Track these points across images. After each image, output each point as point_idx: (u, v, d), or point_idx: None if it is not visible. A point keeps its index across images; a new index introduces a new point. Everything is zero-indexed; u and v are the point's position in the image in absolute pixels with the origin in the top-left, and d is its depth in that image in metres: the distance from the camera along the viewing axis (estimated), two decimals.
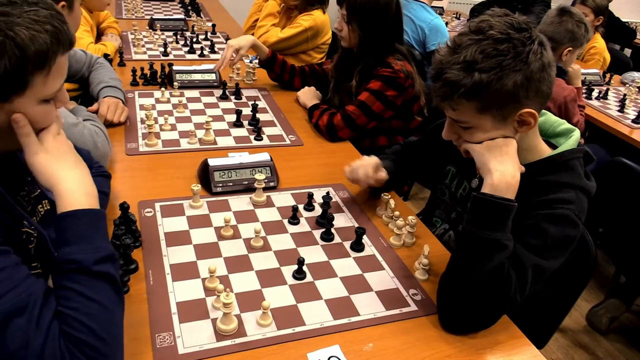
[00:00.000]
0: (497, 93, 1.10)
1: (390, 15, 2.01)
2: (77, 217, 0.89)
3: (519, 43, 1.11)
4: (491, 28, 1.12)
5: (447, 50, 1.16)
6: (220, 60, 2.27)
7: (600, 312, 2.60)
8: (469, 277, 1.12)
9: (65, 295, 0.84)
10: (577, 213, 1.18)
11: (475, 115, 1.15)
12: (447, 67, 1.13)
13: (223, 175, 1.56)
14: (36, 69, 0.85)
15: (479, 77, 1.09)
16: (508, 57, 1.09)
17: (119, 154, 1.71)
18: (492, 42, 1.10)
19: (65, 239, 0.88)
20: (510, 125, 1.17)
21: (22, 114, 0.88)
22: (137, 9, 3.52)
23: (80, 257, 0.86)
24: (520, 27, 1.13)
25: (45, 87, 0.88)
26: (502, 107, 1.13)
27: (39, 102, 0.89)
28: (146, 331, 1.05)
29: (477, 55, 1.10)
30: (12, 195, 0.94)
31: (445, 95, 1.14)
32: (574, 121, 2.54)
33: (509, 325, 1.19)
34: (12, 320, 0.76)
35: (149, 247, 1.29)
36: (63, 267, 0.86)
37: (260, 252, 1.32)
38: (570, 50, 2.54)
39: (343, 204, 1.57)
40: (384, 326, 1.15)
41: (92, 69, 2.04)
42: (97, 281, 0.86)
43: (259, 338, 1.07)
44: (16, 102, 0.86)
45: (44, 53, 0.85)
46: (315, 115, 2.06)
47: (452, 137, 1.25)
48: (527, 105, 1.14)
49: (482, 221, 1.11)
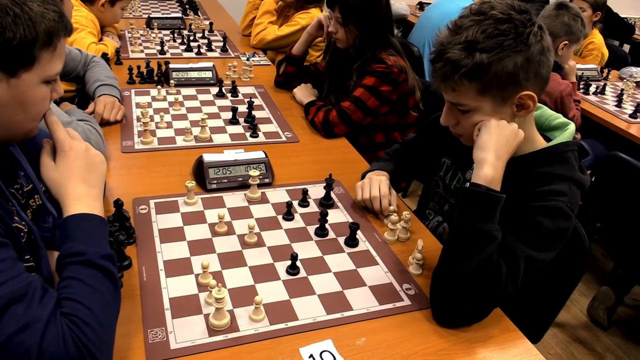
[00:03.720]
0: (498, 74, 1.11)
1: (382, 8, 2.02)
2: (85, 219, 0.94)
3: (520, 24, 1.12)
4: (492, 9, 1.13)
5: (448, 31, 1.17)
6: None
7: (596, 305, 2.61)
8: (460, 268, 1.12)
9: (69, 284, 0.86)
10: (570, 205, 1.18)
11: (475, 97, 1.16)
12: (448, 48, 1.14)
13: (218, 172, 1.56)
14: (44, 45, 0.90)
15: (479, 57, 1.11)
16: (509, 37, 1.11)
17: (114, 151, 1.71)
18: (493, 22, 1.12)
19: (70, 237, 0.91)
20: (509, 109, 1.18)
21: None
22: (135, 8, 3.52)
23: (86, 249, 0.90)
24: (521, 9, 1.14)
25: (50, 65, 0.92)
26: (502, 89, 1.14)
27: (41, 82, 0.93)
28: (139, 327, 1.05)
29: (478, 35, 1.11)
30: (5, 188, 0.96)
31: (446, 75, 1.15)
32: (570, 115, 2.54)
33: (502, 319, 1.20)
34: (11, 307, 0.78)
35: (142, 243, 1.29)
36: (67, 260, 0.89)
37: (254, 248, 1.32)
38: (567, 44, 2.55)
39: (338, 200, 1.58)
40: (377, 320, 1.15)
41: (87, 67, 2.04)
42: (99, 274, 0.89)
43: (251, 333, 1.07)
44: (23, 77, 0.89)
45: (52, 30, 0.90)
46: (311, 111, 2.06)
47: (451, 122, 1.26)
48: (526, 88, 1.15)
49: (473, 213, 1.12)
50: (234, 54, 2.86)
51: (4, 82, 0.88)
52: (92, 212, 0.95)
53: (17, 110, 0.91)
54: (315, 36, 2.31)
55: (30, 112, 0.94)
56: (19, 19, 0.85)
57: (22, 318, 0.78)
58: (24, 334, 0.77)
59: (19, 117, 0.93)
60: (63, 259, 0.90)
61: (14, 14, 0.84)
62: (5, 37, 0.84)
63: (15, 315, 0.78)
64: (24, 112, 0.93)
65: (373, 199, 1.49)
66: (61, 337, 0.79)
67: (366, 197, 1.50)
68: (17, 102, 0.91)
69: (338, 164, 1.81)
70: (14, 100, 0.90)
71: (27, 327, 0.78)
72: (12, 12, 0.84)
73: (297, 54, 2.34)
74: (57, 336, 0.79)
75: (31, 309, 0.80)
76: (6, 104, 0.89)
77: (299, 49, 2.33)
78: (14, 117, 0.92)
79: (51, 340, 0.78)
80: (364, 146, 2.07)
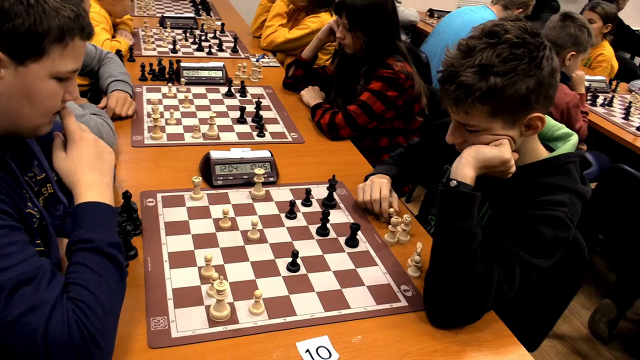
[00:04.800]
0: (511, 97, 1.12)
1: (389, 14, 2.04)
2: (94, 207, 0.97)
3: (533, 48, 1.12)
4: (507, 32, 1.13)
5: (458, 53, 1.16)
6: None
7: (597, 318, 2.60)
8: (446, 268, 1.15)
9: (76, 269, 0.90)
10: (570, 216, 1.20)
11: (485, 119, 1.17)
12: (460, 70, 1.13)
13: (224, 169, 1.59)
14: (56, 40, 0.92)
15: (494, 81, 1.10)
16: (524, 61, 1.11)
17: (124, 145, 1.75)
18: (508, 47, 1.11)
19: (81, 224, 0.95)
20: (517, 129, 1.19)
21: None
22: (149, 7, 3.57)
23: (94, 237, 0.93)
24: (533, 32, 1.14)
25: (61, 61, 0.94)
26: (513, 112, 1.15)
27: (50, 77, 0.95)
28: (142, 315, 1.08)
29: (493, 59, 1.11)
30: (21, 176, 0.99)
31: (459, 98, 1.14)
32: (577, 127, 2.55)
33: (498, 324, 1.22)
34: (21, 288, 0.81)
35: (149, 235, 1.33)
36: (76, 246, 0.92)
37: (256, 244, 1.35)
38: (574, 54, 2.56)
39: (340, 201, 1.60)
40: (373, 320, 1.17)
41: (102, 63, 2.08)
42: (106, 261, 0.92)
43: (250, 326, 1.10)
44: (30, 67, 0.91)
45: (65, 26, 0.92)
46: (317, 113, 2.09)
47: (457, 140, 1.26)
48: (536, 110, 1.16)
49: (451, 212, 1.16)
50: (244, 54, 2.89)
51: (12, 69, 0.90)
52: (102, 201, 0.98)
53: (22, 101, 0.93)
54: (325, 42, 2.35)
55: (37, 106, 0.96)
56: (31, 9, 0.88)
57: (30, 300, 0.81)
58: (32, 315, 0.81)
59: (25, 109, 0.94)
60: (72, 245, 0.93)
61: (27, 3, 0.87)
62: (15, 23, 0.87)
63: (25, 296, 0.81)
64: (30, 105, 0.94)
65: (373, 201, 1.52)
66: (66, 320, 0.82)
67: (367, 199, 1.53)
68: (24, 92, 0.93)
69: (342, 165, 1.83)
70: (20, 89, 0.92)
71: (35, 308, 0.81)
72: (26, 2, 0.87)
73: (306, 58, 2.37)
74: (62, 319, 0.82)
75: (39, 291, 0.83)
76: (13, 92, 0.92)
77: (309, 53, 2.36)
78: (20, 108, 0.94)
79: (56, 322, 0.81)
80: (368, 150, 2.09)
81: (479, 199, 1.16)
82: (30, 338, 0.80)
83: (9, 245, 0.84)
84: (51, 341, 0.81)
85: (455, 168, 1.18)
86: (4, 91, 0.91)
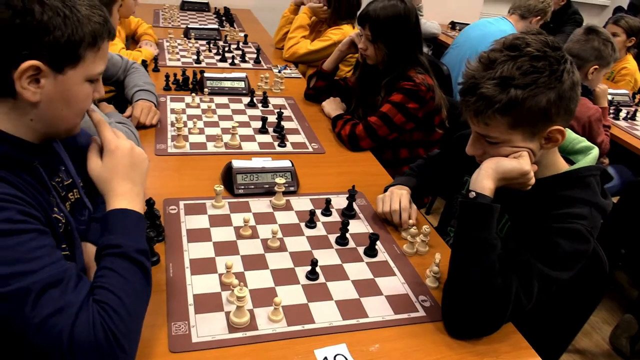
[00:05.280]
0: (531, 110, 1.13)
1: (411, 26, 2.06)
2: (124, 214, 1.00)
3: (554, 61, 1.13)
4: (528, 45, 1.14)
5: (479, 65, 1.17)
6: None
7: (618, 333, 2.57)
8: (464, 278, 1.15)
9: (104, 273, 0.93)
10: (589, 229, 1.20)
11: (505, 131, 1.17)
12: (481, 82, 1.14)
13: (245, 177, 1.62)
14: (89, 46, 0.96)
15: (514, 93, 1.11)
16: (544, 74, 1.12)
17: (148, 154, 1.74)
18: (529, 59, 1.12)
19: (110, 229, 0.98)
20: (537, 142, 1.20)
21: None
22: (174, 18, 3.64)
23: (123, 242, 0.96)
24: (555, 46, 1.15)
25: (94, 65, 0.99)
26: (533, 124, 1.16)
27: (85, 80, 0.99)
28: (163, 319, 1.11)
29: (514, 72, 1.12)
30: (48, 181, 1.03)
31: (479, 110, 1.16)
32: (599, 141, 2.53)
33: (515, 336, 1.21)
34: (48, 291, 0.84)
35: (171, 242, 1.35)
36: (105, 251, 0.96)
37: (276, 252, 1.37)
38: (597, 68, 2.54)
39: (360, 211, 1.61)
40: (391, 329, 1.18)
41: (127, 72, 2.14)
42: (133, 267, 0.95)
43: (269, 332, 1.11)
44: (68, 74, 0.95)
45: (97, 32, 0.97)
46: (338, 124, 2.11)
47: (477, 152, 1.27)
48: (556, 123, 1.17)
49: (470, 223, 1.17)
50: (266, 65, 2.93)
51: (52, 78, 0.94)
52: (132, 208, 1.02)
53: (62, 106, 0.98)
54: (346, 53, 2.37)
55: (74, 109, 1.01)
56: (68, 20, 0.91)
57: (57, 302, 0.84)
58: (58, 317, 0.83)
59: (64, 112, 0.99)
60: (102, 250, 0.96)
61: (64, 15, 0.91)
62: (55, 35, 0.91)
63: (52, 299, 0.84)
64: (68, 108, 0.99)
65: (393, 212, 1.53)
66: (91, 322, 0.85)
67: (386, 210, 1.54)
68: (63, 98, 0.97)
69: (362, 176, 1.84)
70: (60, 96, 0.96)
71: (62, 310, 0.84)
72: (62, 13, 0.91)
73: (327, 70, 2.39)
74: (87, 321, 0.84)
75: (66, 294, 0.85)
76: (53, 99, 0.96)
77: (330, 65, 2.39)
78: (59, 112, 0.98)
79: (82, 324, 0.84)
80: (389, 161, 2.10)
81: (498, 210, 1.16)
82: (57, 339, 0.83)
83: (38, 249, 0.87)
84: (77, 343, 0.83)
85: (475, 179, 1.19)
86: (45, 99, 0.94)
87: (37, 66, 0.90)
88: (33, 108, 0.94)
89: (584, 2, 6.07)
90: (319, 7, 3.04)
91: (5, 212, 0.85)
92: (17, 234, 0.85)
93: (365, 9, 2.11)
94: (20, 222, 0.86)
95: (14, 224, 0.85)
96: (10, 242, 0.84)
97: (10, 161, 0.93)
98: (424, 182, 1.69)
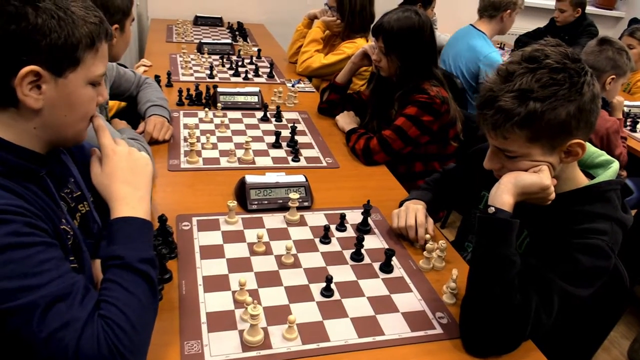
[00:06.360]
0: (550, 123, 1.11)
1: (426, 39, 2.04)
2: (127, 223, 0.99)
3: (574, 73, 1.11)
4: (547, 57, 1.12)
5: (497, 77, 1.16)
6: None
7: (636, 347, 2.51)
8: (483, 295, 1.13)
9: (108, 286, 0.91)
10: (611, 245, 1.17)
11: (524, 145, 1.15)
12: (499, 95, 1.12)
13: (259, 193, 1.61)
14: (87, 47, 0.95)
15: (533, 106, 1.09)
16: (564, 87, 1.10)
17: (161, 169, 1.78)
18: (548, 72, 1.10)
19: (114, 239, 0.96)
20: (557, 156, 1.17)
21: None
22: (187, 33, 3.67)
23: (125, 253, 0.94)
24: (574, 58, 1.13)
25: (94, 67, 0.98)
26: (553, 137, 1.14)
27: (86, 84, 0.98)
28: (176, 338, 1.09)
29: (532, 84, 1.10)
30: (56, 191, 1.02)
31: (497, 123, 1.14)
32: (617, 153, 2.49)
33: (535, 354, 1.18)
34: (56, 305, 0.83)
35: (184, 258, 1.34)
36: (108, 263, 0.94)
37: (290, 269, 1.35)
38: (614, 78, 2.51)
39: (375, 226, 1.59)
40: (408, 347, 1.15)
41: (140, 88, 2.15)
42: (137, 278, 0.94)
43: (283, 351, 1.09)
44: (69, 78, 0.94)
45: (93, 33, 0.96)
46: (352, 138, 2.10)
47: (495, 166, 1.25)
48: (576, 136, 1.14)
49: (489, 239, 1.14)
50: (279, 80, 2.94)
51: (52, 83, 0.93)
52: (135, 215, 1.00)
53: (65, 111, 0.97)
54: (359, 65, 2.36)
55: (78, 113, 0.99)
56: (62, 22, 0.91)
57: (64, 316, 0.83)
58: (65, 331, 0.83)
59: (68, 118, 0.98)
60: (106, 261, 0.95)
61: (58, 17, 0.90)
62: (52, 38, 0.90)
63: (59, 313, 0.83)
64: (72, 113, 0.98)
65: (409, 227, 1.50)
66: (96, 338, 0.84)
67: (402, 225, 1.52)
68: (66, 103, 0.96)
69: (377, 190, 1.83)
70: (62, 101, 0.95)
71: (68, 325, 0.83)
72: (56, 15, 0.90)
73: (340, 83, 2.39)
74: (92, 337, 0.84)
75: (73, 308, 0.85)
76: (55, 104, 0.95)
77: (343, 77, 2.38)
78: (63, 118, 0.97)
79: (87, 340, 0.83)
80: (403, 175, 2.08)
81: (517, 225, 1.14)
82: (63, 354, 0.82)
83: (45, 262, 0.86)
84: (82, 357, 0.82)
85: (494, 194, 1.17)
86: (47, 105, 0.94)
87: (36, 71, 0.89)
88: (36, 116, 0.94)
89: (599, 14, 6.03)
90: (333, 21, 3.04)
91: (12, 224, 0.84)
92: (24, 247, 0.84)
93: (379, 20, 2.10)
94: (26, 235, 0.85)
95: (20, 237, 0.84)
96: (17, 255, 0.83)
97: (16, 171, 0.93)
98: (439, 196, 1.67)
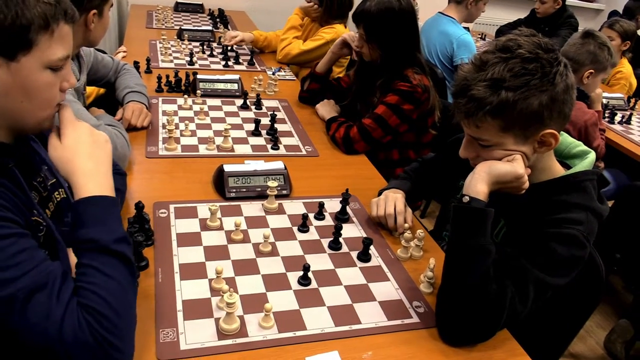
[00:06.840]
0: (522, 112, 1.11)
1: (407, 25, 2.04)
2: (92, 203, 0.95)
3: (546, 63, 1.11)
4: (520, 47, 1.12)
5: (471, 67, 1.16)
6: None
7: (613, 338, 2.56)
8: (459, 284, 1.14)
9: (84, 271, 0.90)
10: (586, 234, 1.18)
11: (497, 134, 1.16)
12: (472, 84, 1.13)
13: (237, 181, 1.59)
14: (41, 29, 0.90)
15: (505, 95, 1.10)
16: (536, 76, 1.10)
17: (138, 156, 1.76)
18: (520, 61, 1.11)
19: (82, 222, 0.93)
20: (530, 145, 1.18)
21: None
22: (167, 19, 3.61)
23: (98, 236, 0.92)
24: (548, 48, 1.14)
25: (50, 50, 0.92)
26: (525, 127, 1.14)
27: (44, 68, 0.93)
28: (151, 326, 1.08)
29: (504, 73, 1.11)
30: (27, 181, 0.98)
31: (470, 112, 1.15)
32: (595, 145, 2.52)
33: (510, 343, 1.19)
34: (34, 296, 0.82)
35: (160, 246, 1.33)
36: (81, 247, 0.92)
37: (267, 257, 1.35)
38: (592, 72, 2.53)
39: (353, 215, 1.59)
40: (384, 335, 1.16)
41: (118, 74, 2.11)
42: (113, 260, 0.92)
43: (259, 339, 1.09)
44: (23, 61, 0.90)
45: (47, 14, 0.90)
46: (332, 127, 2.09)
47: (470, 155, 1.26)
48: (549, 126, 1.15)
49: (464, 229, 1.15)
50: (260, 67, 2.91)
51: (4, 67, 0.88)
52: (101, 193, 0.96)
53: (21, 97, 0.92)
54: (339, 55, 2.35)
55: (36, 99, 0.94)
56: (10, 2, 0.85)
57: (42, 307, 0.82)
58: (46, 322, 0.82)
59: (25, 104, 0.93)
60: (78, 244, 0.92)
61: None
62: None
63: (38, 304, 0.82)
64: (29, 99, 0.93)
65: (388, 216, 1.51)
66: (77, 326, 0.83)
67: (381, 214, 1.52)
68: (21, 88, 0.91)
69: (355, 179, 1.83)
70: (17, 85, 0.90)
71: (48, 316, 0.82)
72: None
73: (320, 72, 2.37)
74: (73, 325, 0.83)
75: (51, 298, 0.83)
76: (10, 90, 0.90)
77: (323, 67, 2.37)
78: (20, 105, 0.92)
79: (69, 329, 0.83)
80: (381, 162, 2.08)
81: (492, 214, 1.14)
82: (49, 343, 0.82)
83: (18, 253, 0.84)
84: (68, 345, 0.82)
85: (468, 183, 1.17)
86: (1, 91, 0.90)
87: None
88: None
89: (580, 5, 6.09)
90: (310, 7, 3.02)
91: None
92: None
93: (359, 6, 2.08)
94: None
95: None
96: None
97: None
98: (418, 185, 1.67)
